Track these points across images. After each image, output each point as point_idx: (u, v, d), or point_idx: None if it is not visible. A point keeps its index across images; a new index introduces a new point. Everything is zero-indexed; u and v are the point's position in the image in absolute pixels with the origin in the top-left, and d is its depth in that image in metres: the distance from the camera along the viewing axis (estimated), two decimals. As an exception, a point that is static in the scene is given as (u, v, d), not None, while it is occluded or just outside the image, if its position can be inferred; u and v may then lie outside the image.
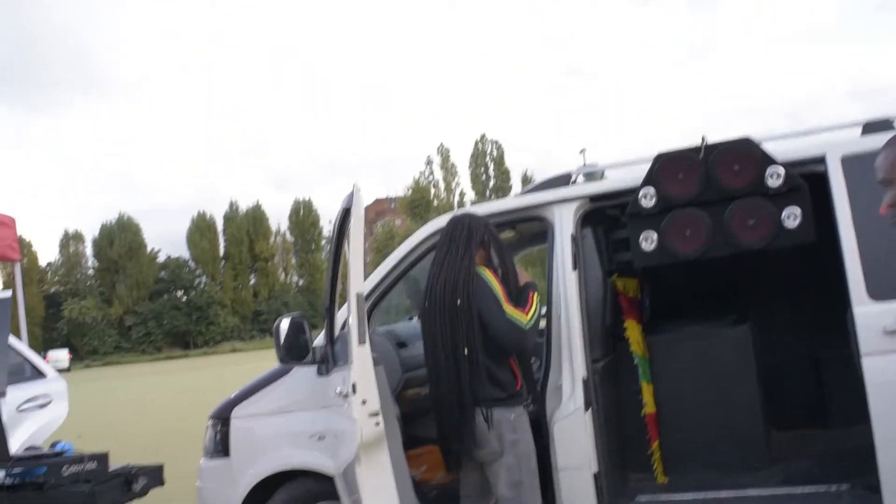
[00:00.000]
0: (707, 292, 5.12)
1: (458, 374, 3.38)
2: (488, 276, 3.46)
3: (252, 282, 78.54)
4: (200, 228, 76.84)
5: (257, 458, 4.21)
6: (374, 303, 4.16)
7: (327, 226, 70.52)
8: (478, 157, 75.71)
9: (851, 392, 3.51)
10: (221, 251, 77.73)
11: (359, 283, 3.23)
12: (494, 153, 76.04)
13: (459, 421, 3.39)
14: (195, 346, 71.49)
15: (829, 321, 3.97)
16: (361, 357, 3.18)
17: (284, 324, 3.84)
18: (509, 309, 3.39)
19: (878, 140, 3.68)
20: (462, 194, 75.01)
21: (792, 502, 3.89)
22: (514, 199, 4.30)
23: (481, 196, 72.62)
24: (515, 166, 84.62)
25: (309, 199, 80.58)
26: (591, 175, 4.31)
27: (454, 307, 3.40)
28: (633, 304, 4.54)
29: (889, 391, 3.34)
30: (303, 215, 79.42)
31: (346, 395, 3.28)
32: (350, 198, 3.36)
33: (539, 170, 73.75)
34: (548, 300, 3.93)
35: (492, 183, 75.09)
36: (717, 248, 3.81)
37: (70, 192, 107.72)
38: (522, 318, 3.40)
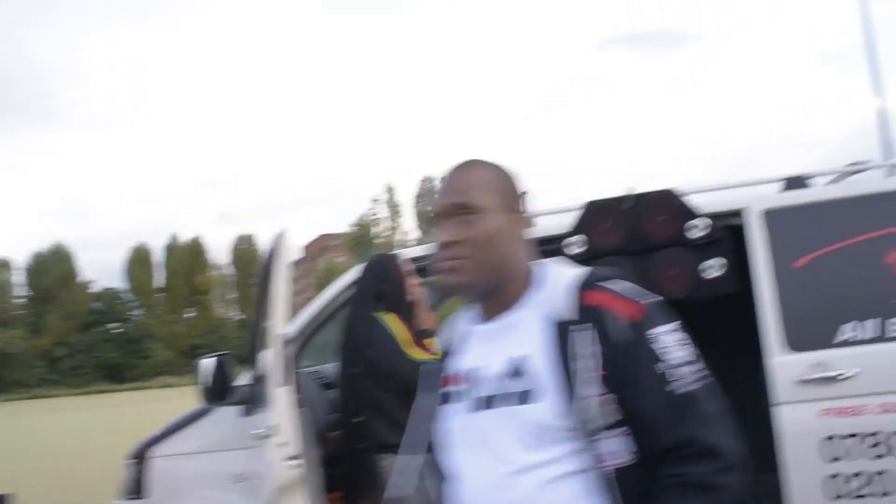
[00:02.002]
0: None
1: (371, 421, 3.48)
2: (388, 321, 3.53)
3: (191, 315, 77.05)
4: (140, 259, 75.38)
5: (175, 499, 4.11)
6: (303, 342, 4.12)
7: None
8: (424, 196, 75.92)
9: (763, 441, 3.59)
10: (160, 283, 76.22)
11: (282, 325, 3.21)
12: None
13: (359, 469, 3.48)
14: (127, 380, 69.60)
15: (745, 371, 4.07)
16: (283, 399, 3.15)
17: (207, 363, 3.78)
18: (410, 350, 3.45)
19: (798, 196, 3.84)
20: (406, 233, 75.02)
21: None
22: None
23: (426, 235, 72.71)
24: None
25: (251, 234, 79.62)
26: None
27: (353, 373, 3.54)
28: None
29: (800, 439, 3.43)
30: (244, 249, 78.46)
31: (265, 437, 3.24)
32: (276, 240, 3.35)
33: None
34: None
35: (436, 223, 75.16)
36: None
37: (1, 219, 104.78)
38: (425, 356, 3.44)
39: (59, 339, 70.97)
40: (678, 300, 3.87)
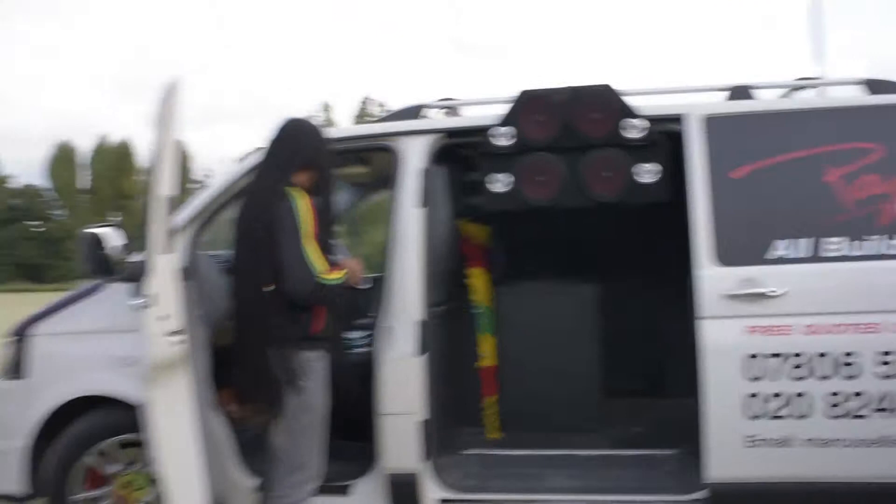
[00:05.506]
0: (557, 248, 5.01)
1: (260, 310, 3.01)
2: (299, 201, 2.99)
3: (116, 220, 75.05)
4: (64, 158, 72.67)
5: (57, 380, 3.78)
6: (204, 222, 3.78)
7: (196, 169, 68.14)
8: (361, 117, 74.82)
9: (688, 364, 3.46)
10: (84, 185, 73.87)
11: (167, 184, 2.86)
12: (378, 114, 75.38)
13: (258, 361, 3.02)
14: (48, 280, 67.78)
15: (673, 290, 3.92)
16: (165, 267, 2.83)
17: (91, 235, 3.40)
18: (310, 248, 2.94)
19: (742, 105, 3.63)
20: (343, 153, 74.04)
21: (620, 464, 3.85)
22: (364, 126, 4.04)
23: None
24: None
25: (181, 140, 77.25)
26: (451, 110, 4.06)
27: (258, 235, 2.99)
28: (480, 251, 4.36)
29: (723, 355, 3.31)
30: (175, 156, 76.26)
31: (144, 309, 2.90)
32: (166, 90, 2.95)
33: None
34: (390, 236, 3.69)
35: (374, 144, 74.38)
36: (569, 198, 3.66)
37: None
38: (322, 267, 2.94)
39: (-25, 234, 68.51)
40: (609, 203, 3.69)
